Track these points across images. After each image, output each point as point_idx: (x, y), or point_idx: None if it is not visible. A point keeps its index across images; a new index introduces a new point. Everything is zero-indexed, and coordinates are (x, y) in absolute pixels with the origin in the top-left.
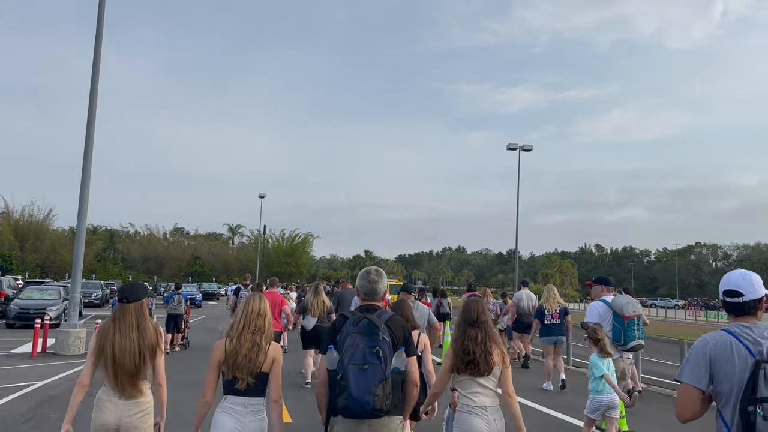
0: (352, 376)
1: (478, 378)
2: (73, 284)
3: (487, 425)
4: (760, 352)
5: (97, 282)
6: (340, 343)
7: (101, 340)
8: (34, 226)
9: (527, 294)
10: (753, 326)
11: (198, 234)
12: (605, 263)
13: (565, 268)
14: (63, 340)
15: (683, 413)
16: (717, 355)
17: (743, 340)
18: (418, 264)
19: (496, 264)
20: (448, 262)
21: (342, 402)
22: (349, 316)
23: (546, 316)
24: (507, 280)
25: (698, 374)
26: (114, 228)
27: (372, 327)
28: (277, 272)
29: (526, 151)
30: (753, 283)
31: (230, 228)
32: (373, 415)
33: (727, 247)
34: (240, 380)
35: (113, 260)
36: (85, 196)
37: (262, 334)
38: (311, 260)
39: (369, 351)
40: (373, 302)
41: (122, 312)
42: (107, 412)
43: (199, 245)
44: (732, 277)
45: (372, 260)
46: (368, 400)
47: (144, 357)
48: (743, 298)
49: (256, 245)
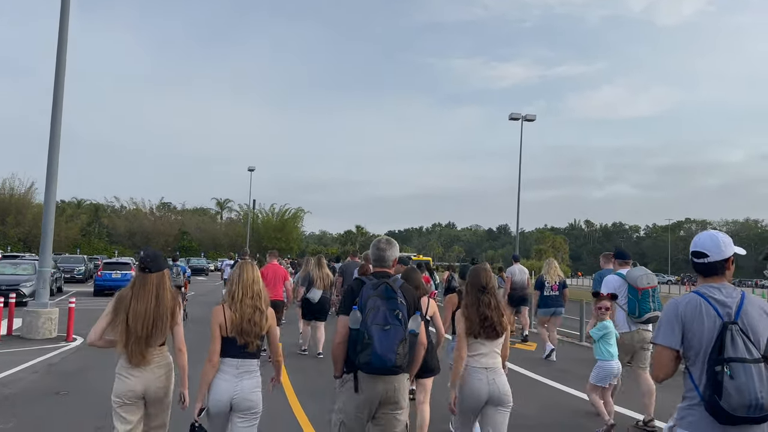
0: (376, 335)
1: (488, 341)
2: (42, 258)
3: (488, 385)
4: (728, 314)
5: (79, 257)
6: (361, 304)
7: (117, 304)
8: (15, 200)
9: (519, 268)
10: (721, 287)
11: (185, 209)
12: (595, 239)
13: (558, 244)
14: (31, 322)
15: (659, 374)
16: (687, 317)
17: (712, 302)
18: (408, 240)
19: (486, 240)
20: (438, 238)
21: (365, 358)
22: (366, 281)
23: (546, 288)
24: (497, 255)
25: (671, 336)
26: (99, 202)
27: (390, 291)
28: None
29: (528, 121)
30: (719, 244)
31: (218, 202)
32: (392, 372)
33: (716, 222)
34: (250, 344)
35: (98, 235)
36: (54, 167)
37: (260, 298)
38: (301, 236)
39: (390, 313)
40: (384, 269)
41: (143, 281)
42: (133, 379)
43: (186, 220)
44: (699, 239)
45: (363, 236)
46: (391, 358)
47: (157, 325)
48: (709, 259)
49: (245, 220)
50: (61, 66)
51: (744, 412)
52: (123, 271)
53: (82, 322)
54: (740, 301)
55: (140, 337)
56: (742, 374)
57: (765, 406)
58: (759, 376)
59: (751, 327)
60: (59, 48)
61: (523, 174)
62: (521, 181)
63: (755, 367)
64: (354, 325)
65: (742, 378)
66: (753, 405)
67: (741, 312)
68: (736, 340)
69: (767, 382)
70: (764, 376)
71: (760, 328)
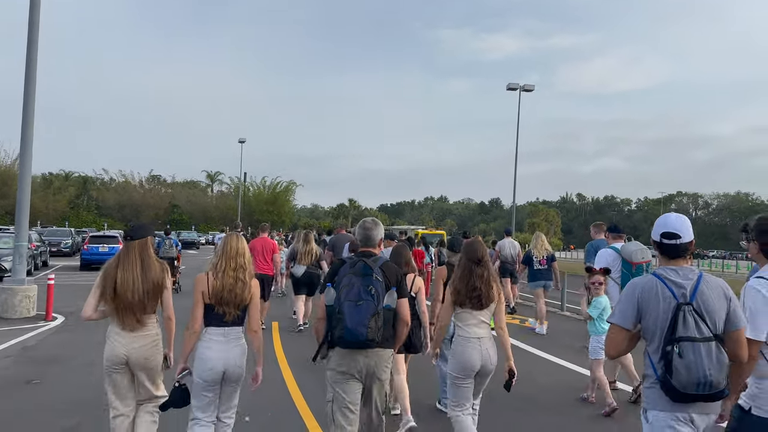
0: (348, 310)
1: (475, 311)
2: (17, 232)
3: (480, 354)
4: (683, 295)
5: (66, 229)
6: (338, 282)
7: (105, 275)
8: (1, 172)
9: (510, 242)
10: (679, 269)
11: (175, 182)
12: (586, 212)
13: (551, 217)
14: (6, 300)
15: (611, 351)
16: (644, 298)
17: (668, 283)
18: (400, 213)
19: (478, 213)
20: (430, 211)
21: (338, 333)
22: (346, 260)
23: (534, 262)
24: (489, 229)
25: (626, 316)
26: (87, 174)
27: (366, 269)
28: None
29: (527, 91)
30: (688, 227)
31: (209, 175)
32: (366, 345)
33: (708, 196)
34: (228, 314)
35: (87, 207)
36: (28, 137)
37: (243, 270)
38: (293, 209)
39: (363, 289)
40: (369, 248)
41: (126, 249)
42: (117, 344)
43: (176, 193)
44: (670, 219)
45: (356, 209)
46: (362, 332)
47: (147, 292)
48: (680, 240)
49: (236, 193)
50: (34, 29)
51: (693, 389)
52: (110, 245)
53: (67, 299)
54: (696, 282)
55: (131, 303)
56: (691, 353)
57: (714, 383)
58: (708, 354)
59: (707, 307)
60: (31, 8)
61: (514, 146)
62: (518, 152)
63: (704, 345)
64: (329, 302)
65: (690, 356)
66: (702, 382)
67: (696, 293)
68: (688, 320)
69: (716, 360)
70: (713, 355)
71: (716, 308)
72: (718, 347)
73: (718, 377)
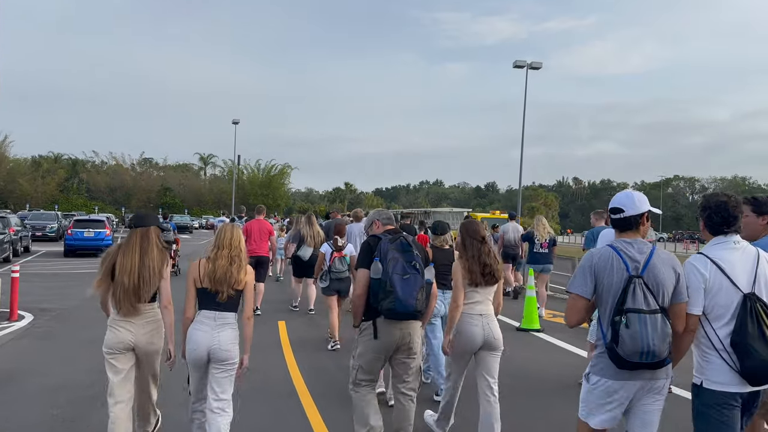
0: (398, 283)
1: (481, 289)
2: None
3: (482, 330)
4: (636, 268)
5: (51, 213)
6: (382, 257)
7: (105, 260)
8: None
9: (513, 226)
10: (634, 242)
11: (167, 165)
12: (583, 196)
13: (549, 201)
14: None
15: (570, 319)
16: (599, 268)
17: (623, 255)
18: (396, 197)
19: (473, 197)
20: (425, 195)
21: (388, 305)
22: (382, 236)
23: (535, 245)
24: None
25: (584, 285)
26: (77, 157)
27: (406, 245)
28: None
29: (534, 69)
30: (634, 201)
31: (202, 157)
32: (414, 317)
33: (704, 180)
34: (221, 293)
35: (77, 191)
36: None
37: (238, 256)
38: (288, 193)
39: (407, 264)
40: (393, 227)
41: (128, 237)
42: (123, 331)
43: (168, 176)
44: (617, 196)
45: (352, 193)
46: (412, 303)
47: (144, 278)
48: (624, 214)
49: (229, 176)
50: None
51: (637, 358)
52: (96, 230)
53: (44, 292)
54: (649, 255)
55: (127, 288)
56: (637, 324)
57: (657, 352)
58: (653, 325)
59: (657, 280)
60: None
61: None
62: (524, 132)
63: (650, 317)
64: (376, 275)
65: (636, 327)
66: (645, 351)
67: (648, 266)
68: (637, 292)
69: (660, 331)
70: (658, 326)
71: (666, 282)
72: (663, 319)
73: (660, 347)
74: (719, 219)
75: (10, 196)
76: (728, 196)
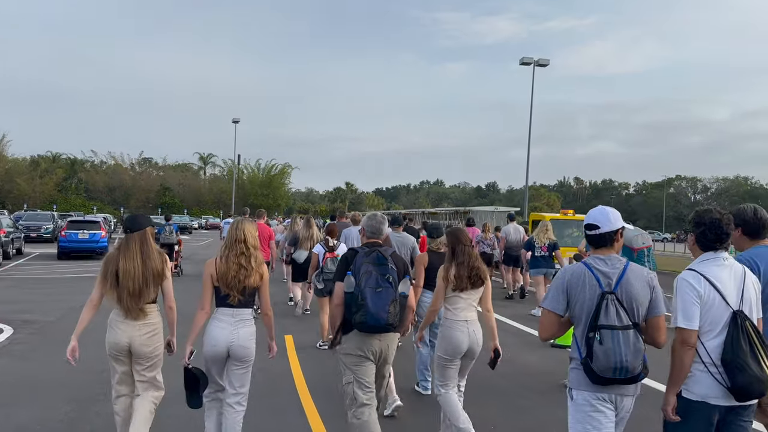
0: (369, 296)
1: (464, 294)
2: None
3: (468, 336)
4: (608, 284)
5: (47, 213)
6: (355, 270)
7: (106, 266)
8: None
9: (515, 227)
10: (607, 258)
11: (167, 164)
12: (584, 196)
13: (552, 201)
14: None
15: (542, 334)
16: (572, 285)
17: (595, 272)
18: (396, 197)
19: (474, 197)
20: (426, 195)
21: (360, 318)
22: (359, 250)
23: (536, 249)
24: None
25: (556, 302)
26: (76, 156)
27: (381, 258)
28: (253, 204)
29: (541, 66)
30: (609, 218)
31: (201, 157)
32: (386, 330)
33: (706, 180)
34: (232, 296)
35: (75, 191)
36: None
37: (246, 257)
38: (288, 193)
39: (381, 277)
40: (377, 239)
41: (126, 241)
42: (119, 332)
43: (168, 176)
44: (592, 212)
45: (353, 193)
46: (383, 317)
47: (147, 281)
48: (600, 231)
49: (229, 176)
50: None
51: (611, 374)
52: (91, 231)
53: (32, 299)
54: (622, 271)
55: (133, 292)
56: (610, 340)
57: (630, 368)
58: (626, 341)
59: (630, 296)
60: None
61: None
62: (531, 131)
63: (623, 333)
64: (349, 288)
65: (609, 343)
66: (618, 368)
67: (621, 282)
68: (610, 308)
69: (633, 347)
70: (631, 342)
71: (640, 297)
72: (635, 335)
73: (633, 363)
74: (713, 236)
75: (8, 196)
76: (721, 213)
